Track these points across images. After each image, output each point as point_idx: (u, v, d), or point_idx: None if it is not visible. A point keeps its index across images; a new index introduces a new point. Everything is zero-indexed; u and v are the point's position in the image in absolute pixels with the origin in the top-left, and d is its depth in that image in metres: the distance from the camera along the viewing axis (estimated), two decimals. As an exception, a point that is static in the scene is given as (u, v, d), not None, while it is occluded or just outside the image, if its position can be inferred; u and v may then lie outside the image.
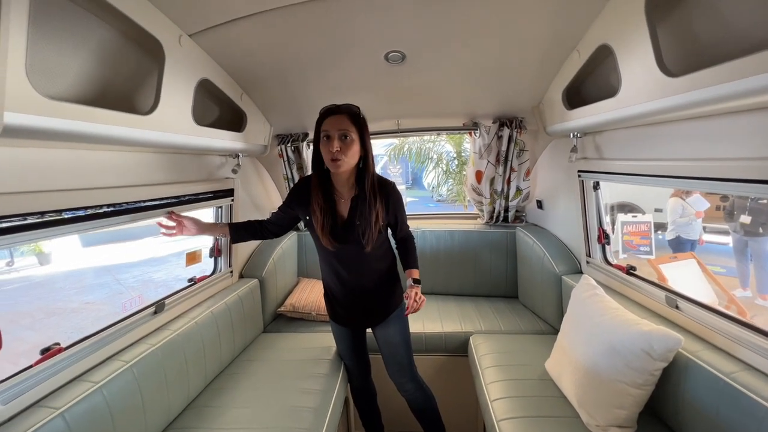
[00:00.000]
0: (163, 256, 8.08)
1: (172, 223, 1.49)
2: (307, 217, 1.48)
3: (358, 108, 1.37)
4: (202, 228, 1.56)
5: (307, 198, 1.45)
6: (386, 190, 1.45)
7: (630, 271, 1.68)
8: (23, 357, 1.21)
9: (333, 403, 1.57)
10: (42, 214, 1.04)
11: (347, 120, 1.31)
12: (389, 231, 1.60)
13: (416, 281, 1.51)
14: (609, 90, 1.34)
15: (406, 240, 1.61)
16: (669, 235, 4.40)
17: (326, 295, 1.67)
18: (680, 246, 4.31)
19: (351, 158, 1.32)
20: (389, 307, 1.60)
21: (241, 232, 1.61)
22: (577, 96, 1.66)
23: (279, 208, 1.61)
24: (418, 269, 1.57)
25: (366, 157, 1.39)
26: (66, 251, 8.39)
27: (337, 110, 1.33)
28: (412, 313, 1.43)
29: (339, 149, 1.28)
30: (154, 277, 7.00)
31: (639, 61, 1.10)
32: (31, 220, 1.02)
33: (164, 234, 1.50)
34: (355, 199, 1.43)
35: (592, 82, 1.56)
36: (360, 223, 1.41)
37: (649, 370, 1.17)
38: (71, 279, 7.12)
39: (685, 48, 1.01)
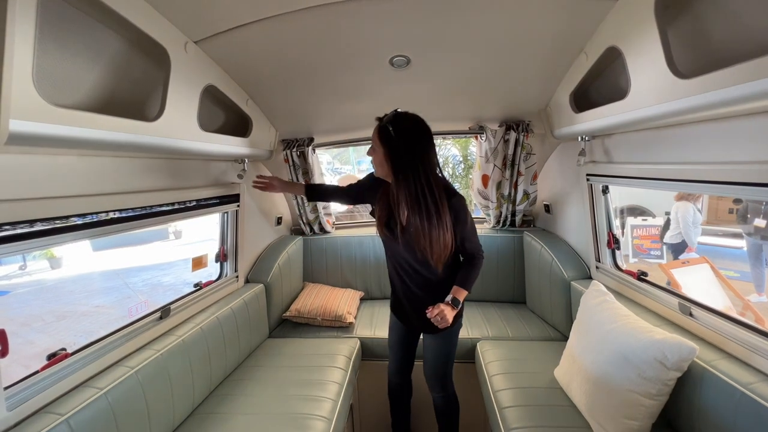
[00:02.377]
0: (172, 261, 8.16)
1: (263, 182, 1.83)
2: (373, 207, 1.57)
3: (393, 119, 1.32)
4: (284, 186, 1.91)
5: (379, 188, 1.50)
6: (448, 200, 1.36)
7: (641, 276, 1.65)
8: (34, 360, 1.21)
9: (338, 411, 1.55)
10: (50, 220, 1.05)
11: (375, 131, 1.37)
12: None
13: (454, 301, 1.43)
14: (618, 92, 1.32)
15: (468, 258, 1.51)
16: (674, 239, 4.32)
17: (391, 285, 1.68)
18: (680, 251, 4.27)
19: (379, 166, 1.39)
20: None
21: (314, 192, 1.83)
22: (584, 99, 1.64)
23: (358, 181, 1.70)
24: (467, 292, 1.47)
25: (399, 168, 1.32)
26: (77, 255, 8.52)
27: (378, 120, 1.37)
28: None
29: (372, 157, 1.41)
30: (163, 280, 7.06)
31: (649, 63, 1.08)
32: (39, 227, 1.03)
33: (256, 187, 1.85)
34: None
35: (600, 85, 1.54)
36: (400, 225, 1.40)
37: (663, 380, 1.14)
38: (82, 282, 7.22)
39: (696, 49, 0.99)
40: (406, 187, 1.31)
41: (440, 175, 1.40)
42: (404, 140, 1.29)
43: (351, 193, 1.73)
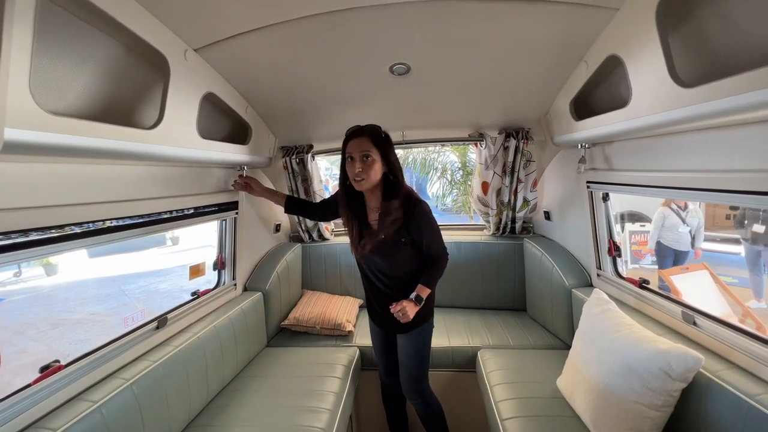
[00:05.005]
0: (169, 267, 8.10)
1: (242, 182, 1.90)
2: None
3: (380, 127, 1.42)
4: (263, 191, 1.91)
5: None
6: (410, 210, 1.44)
7: (643, 284, 1.64)
8: (27, 369, 1.18)
9: (337, 422, 1.53)
10: (45, 229, 1.03)
11: (368, 141, 1.38)
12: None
13: (418, 298, 1.51)
14: (618, 100, 1.32)
15: (433, 260, 1.56)
16: (650, 243, 4.43)
17: (365, 292, 1.73)
18: (662, 252, 4.31)
19: (374, 176, 1.40)
20: (413, 320, 1.55)
21: (293, 204, 1.88)
22: (585, 106, 1.64)
23: (326, 198, 1.81)
24: (430, 290, 1.55)
25: (392, 171, 1.43)
26: (73, 262, 8.44)
27: (360, 132, 1.40)
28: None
29: (361, 170, 1.38)
30: (160, 287, 6.99)
31: (650, 72, 1.08)
32: (34, 236, 1.01)
33: (234, 188, 1.92)
34: (382, 213, 1.46)
35: (600, 93, 1.54)
36: (384, 237, 1.45)
37: (668, 390, 1.12)
38: (77, 289, 7.14)
39: (698, 57, 0.99)
40: (400, 187, 1.42)
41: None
42: (390, 145, 1.42)
43: (321, 210, 1.85)
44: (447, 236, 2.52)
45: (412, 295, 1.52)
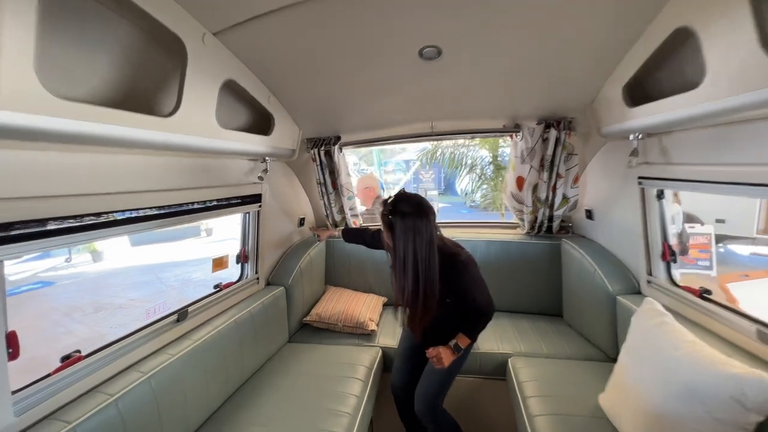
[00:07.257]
0: (203, 257, 8.41)
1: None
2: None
3: (388, 206, 1.39)
4: (329, 233, 2.37)
5: None
6: (451, 271, 1.40)
7: (704, 294, 1.43)
8: (72, 349, 1.18)
9: (357, 427, 1.45)
10: (62, 219, 1.01)
11: (381, 216, 1.44)
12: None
13: (456, 347, 1.47)
14: (683, 82, 1.14)
15: (478, 311, 1.47)
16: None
17: None
18: None
19: (388, 239, 1.43)
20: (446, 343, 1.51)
21: (349, 234, 2.05)
22: (639, 91, 1.45)
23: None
24: (471, 340, 1.50)
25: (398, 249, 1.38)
26: (116, 250, 8.98)
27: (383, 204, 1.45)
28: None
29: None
30: (193, 276, 7.27)
31: (733, 43, 0.90)
32: (52, 226, 1.00)
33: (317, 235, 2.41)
34: None
35: (660, 75, 1.34)
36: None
37: (740, 423, 0.95)
38: (120, 276, 7.57)
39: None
40: (399, 263, 1.37)
41: (442, 241, 1.45)
42: (401, 224, 1.35)
43: (376, 240, 1.84)
44: (477, 234, 2.41)
45: (452, 343, 1.47)
